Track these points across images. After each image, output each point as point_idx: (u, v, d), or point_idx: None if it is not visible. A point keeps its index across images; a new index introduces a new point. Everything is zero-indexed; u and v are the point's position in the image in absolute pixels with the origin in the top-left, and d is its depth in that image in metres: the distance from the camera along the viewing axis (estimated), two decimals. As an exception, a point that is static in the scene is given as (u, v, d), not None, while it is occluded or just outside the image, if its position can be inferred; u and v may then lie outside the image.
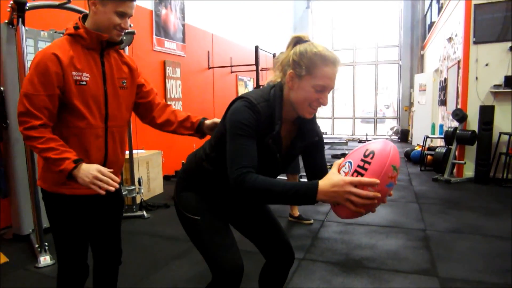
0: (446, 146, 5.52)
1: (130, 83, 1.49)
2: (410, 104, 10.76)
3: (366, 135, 10.59)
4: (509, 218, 3.48)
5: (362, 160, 1.03)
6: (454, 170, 5.48)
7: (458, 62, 5.57)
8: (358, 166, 1.03)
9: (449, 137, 5.44)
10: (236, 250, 1.34)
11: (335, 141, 9.27)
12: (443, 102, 7.08)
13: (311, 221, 3.43)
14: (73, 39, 1.33)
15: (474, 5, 5.13)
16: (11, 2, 2.43)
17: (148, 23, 4.89)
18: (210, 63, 6.50)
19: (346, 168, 1.06)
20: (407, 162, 6.88)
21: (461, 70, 5.42)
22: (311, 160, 1.40)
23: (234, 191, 1.11)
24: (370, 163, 1.01)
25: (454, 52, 6.03)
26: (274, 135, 1.22)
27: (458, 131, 5.27)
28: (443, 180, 5.19)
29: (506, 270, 2.41)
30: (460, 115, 5.25)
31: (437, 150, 5.65)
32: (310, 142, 1.35)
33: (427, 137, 6.52)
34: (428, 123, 8.64)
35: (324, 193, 1.02)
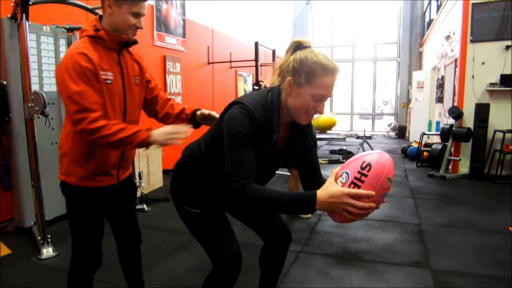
0: (442, 143, 5.59)
1: (141, 80, 1.57)
2: (408, 101, 10.84)
3: (364, 131, 10.66)
4: (502, 214, 3.56)
5: (359, 172, 1.06)
6: (450, 167, 5.56)
7: (455, 60, 5.62)
8: (355, 178, 1.06)
9: (445, 134, 5.51)
10: (234, 239, 1.40)
11: (334, 136, 9.31)
12: (440, 99, 7.14)
13: (309, 215, 3.49)
14: (93, 40, 1.39)
15: (472, 4, 5.18)
16: (15, -3, 2.46)
17: (148, 18, 4.91)
18: (210, 58, 6.53)
19: (343, 178, 1.09)
20: (404, 158, 6.96)
21: (458, 68, 5.48)
22: (305, 162, 1.43)
23: (235, 198, 1.15)
24: (366, 176, 1.05)
25: (452, 50, 6.08)
26: (273, 144, 1.24)
27: (454, 128, 5.34)
28: (439, 176, 5.27)
29: (497, 263, 2.49)
30: (456, 113, 5.31)
31: (433, 147, 5.72)
32: (305, 146, 1.39)
33: (424, 133, 6.60)
34: (425, 120, 8.71)
35: (322, 203, 1.06)
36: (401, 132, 10.76)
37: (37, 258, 2.56)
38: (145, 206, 3.75)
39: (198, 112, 1.65)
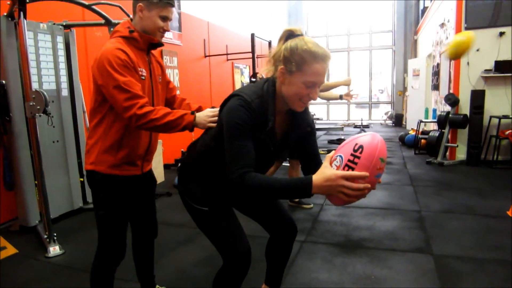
0: (439, 130, 5.64)
1: (163, 80, 1.70)
2: (404, 89, 10.87)
3: (361, 120, 10.70)
4: (499, 198, 3.63)
5: (352, 154, 1.08)
6: (447, 153, 5.62)
7: (451, 47, 5.63)
8: (349, 160, 1.08)
9: (442, 121, 5.57)
10: (243, 234, 1.43)
11: (331, 126, 9.35)
12: (436, 87, 7.18)
13: (311, 205, 3.54)
14: (127, 41, 1.50)
15: (466, -9, 5.19)
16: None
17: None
18: (206, 52, 6.50)
19: (337, 162, 1.11)
20: (402, 146, 7.03)
21: (453, 55, 5.50)
22: (304, 149, 1.46)
23: (236, 188, 1.18)
24: (359, 158, 1.07)
25: (447, 37, 6.10)
26: (268, 131, 1.27)
27: (450, 115, 5.39)
28: (437, 163, 5.34)
29: (496, 247, 2.55)
30: (452, 100, 5.36)
31: (430, 134, 5.78)
32: (303, 133, 1.42)
33: (421, 121, 6.65)
34: (421, 108, 8.76)
35: (318, 187, 1.08)
36: (398, 120, 10.82)
37: (44, 257, 2.58)
38: (148, 201, 3.77)
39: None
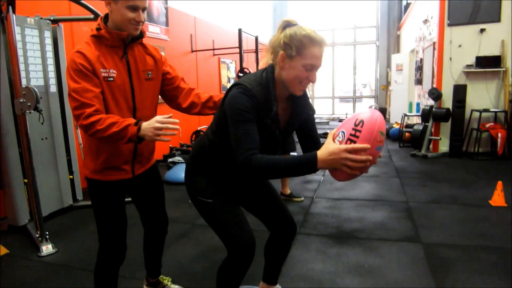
0: (423, 124, 5.81)
1: (156, 74, 1.58)
2: (387, 83, 11.08)
3: (346, 114, 10.87)
4: (482, 188, 3.79)
5: (353, 129, 1.15)
6: (431, 146, 5.80)
7: (434, 43, 5.80)
8: (351, 134, 1.15)
9: (425, 114, 5.73)
10: (247, 225, 1.46)
11: (317, 121, 9.47)
12: (419, 81, 7.36)
13: (302, 198, 3.61)
14: (97, 40, 1.43)
15: (448, -12, 5.33)
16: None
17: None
18: (193, 47, 6.46)
19: (340, 137, 1.18)
20: (387, 139, 7.19)
21: (436, 51, 5.66)
22: (306, 133, 1.52)
23: (242, 172, 1.22)
24: (360, 131, 1.14)
25: (430, 33, 6.26)
26: (272, 116, 1.31)
27: (434, 109, 5.55)
28: (421, 155, 5.50)
29: (481, 234, 2.68)
30: (435, 94, 5.52)
31: (415, 127, 5.94)
32: (306, 116, 1.48)
33: (405, 115, 6.81)
34: (405, 102, 8.97)
35: (323, 161, 1.14)
36: (381, 114, 11.01)
37: (37, 256, 2.53)
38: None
39: None
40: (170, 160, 4.98)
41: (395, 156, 5.68)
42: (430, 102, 5.86)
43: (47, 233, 2.67)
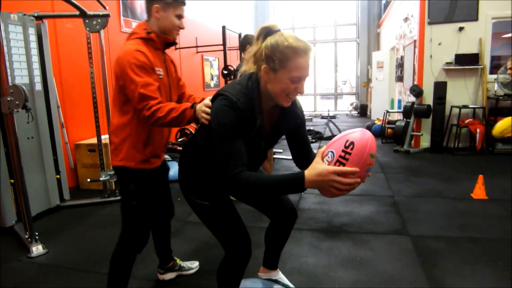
0: (405, 120, 5.98)
1: (176, 77, 1.82)
2: (368, 80, 11.31)
3: (328, 111, 11.03)
4: (463, 182, 3.95)
5: (343, 150, 1.11)
6: (412, 142, 5.98)
7: (415, 41, 5.96)
8: (340, 156, 1.11)
9: (407, 111, 5.90)
10: (243, 226, 1.48)
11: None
12: (400, 78, 7.56)
13: (291, 194, 3.66)
14: (145, 42, 1.59)
15: (428, -12, 5.49)
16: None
17: (115, 4, 4.71)
18: (177, 44, 6.39)
19: (329, 157, 1.14)
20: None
21: (417, 49, 5.83)
22: (296, 140, 1.51)
23: (230, 188, 1.24)
24: (350, 154, 1.09)
25: (410, 31, 6.43)
26: (257, 130, 1.27)
27: (415, 106, 5.72)
28: (403, 151, 5.67)
29: (464, 225, 2.81)
30: (417, 91, 5.69)
31: (397, 124, 6.10)
32: (294, 125, 1.46)
33: (387, 111, 6.99)
34: (386, 98, 9.18)
35: (310, 181, 1.11)
36: (363, 110, 11.26)
37: (27, 257, 2.48)
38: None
39: None
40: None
41: (379, 152, 5.81)
42: (411, 98, 6.03)
43: (37, 233, 2.61)
